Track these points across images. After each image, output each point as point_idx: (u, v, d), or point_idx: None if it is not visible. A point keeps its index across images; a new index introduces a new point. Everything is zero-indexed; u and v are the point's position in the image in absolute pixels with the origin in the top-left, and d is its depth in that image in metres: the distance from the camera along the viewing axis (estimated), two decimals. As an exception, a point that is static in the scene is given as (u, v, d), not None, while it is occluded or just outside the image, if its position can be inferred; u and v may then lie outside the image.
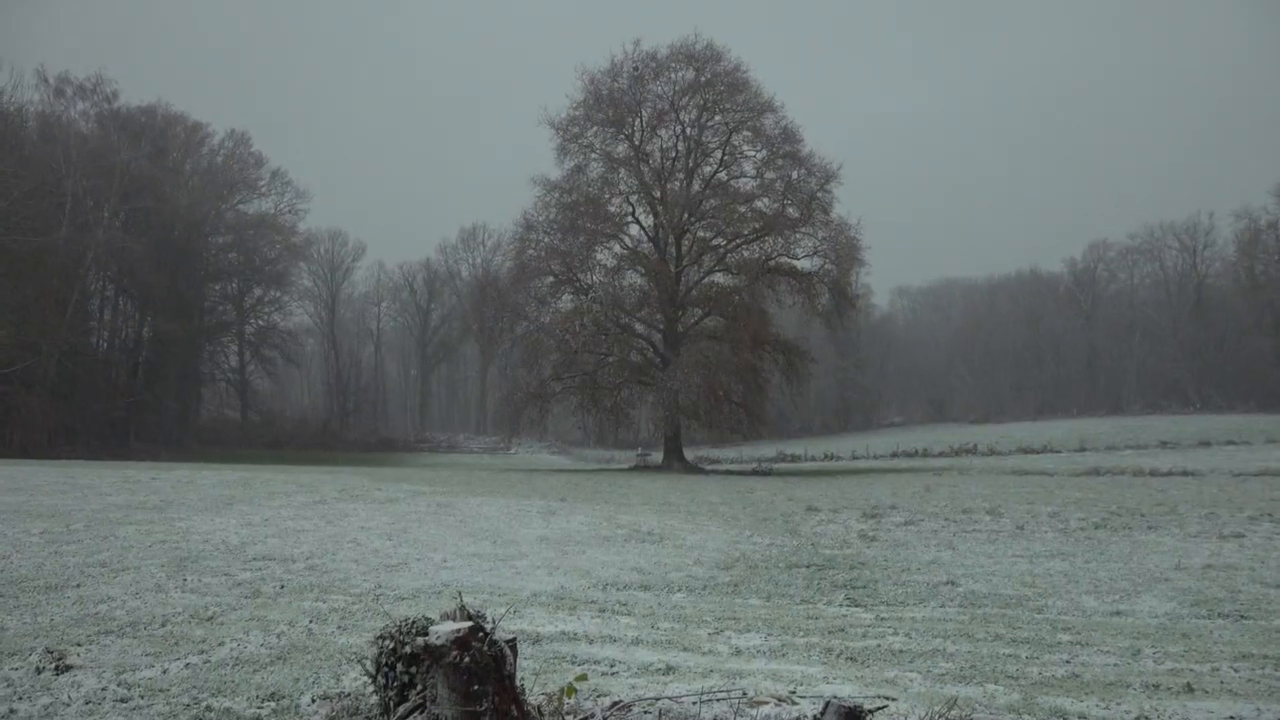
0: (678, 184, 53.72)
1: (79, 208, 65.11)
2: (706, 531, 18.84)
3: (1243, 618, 10.19)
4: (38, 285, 59.35)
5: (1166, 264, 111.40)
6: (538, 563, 14.03)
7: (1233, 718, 6.43)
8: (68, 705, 6.35)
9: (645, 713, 5.51)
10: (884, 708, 5.90)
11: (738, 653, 8.25)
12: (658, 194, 53.29)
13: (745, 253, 53.39)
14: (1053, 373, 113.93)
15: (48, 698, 6.48)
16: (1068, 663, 7.93)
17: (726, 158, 54.49)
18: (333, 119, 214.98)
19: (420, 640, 4.87)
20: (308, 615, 9.40)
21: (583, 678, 5.89)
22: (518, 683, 5.03)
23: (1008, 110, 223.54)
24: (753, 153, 54.82)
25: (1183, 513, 21.00)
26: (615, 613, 10.13)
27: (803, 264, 53.84)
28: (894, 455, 64.37)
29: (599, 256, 54.29)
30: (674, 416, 50.18)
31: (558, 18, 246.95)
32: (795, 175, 53.44)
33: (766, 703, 5.91)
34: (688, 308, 53.17)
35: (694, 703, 5.74)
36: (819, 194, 53.09)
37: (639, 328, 54.25)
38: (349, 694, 6.41)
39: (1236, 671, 7.67)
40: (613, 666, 7.61)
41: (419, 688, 4.95)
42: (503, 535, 17.00)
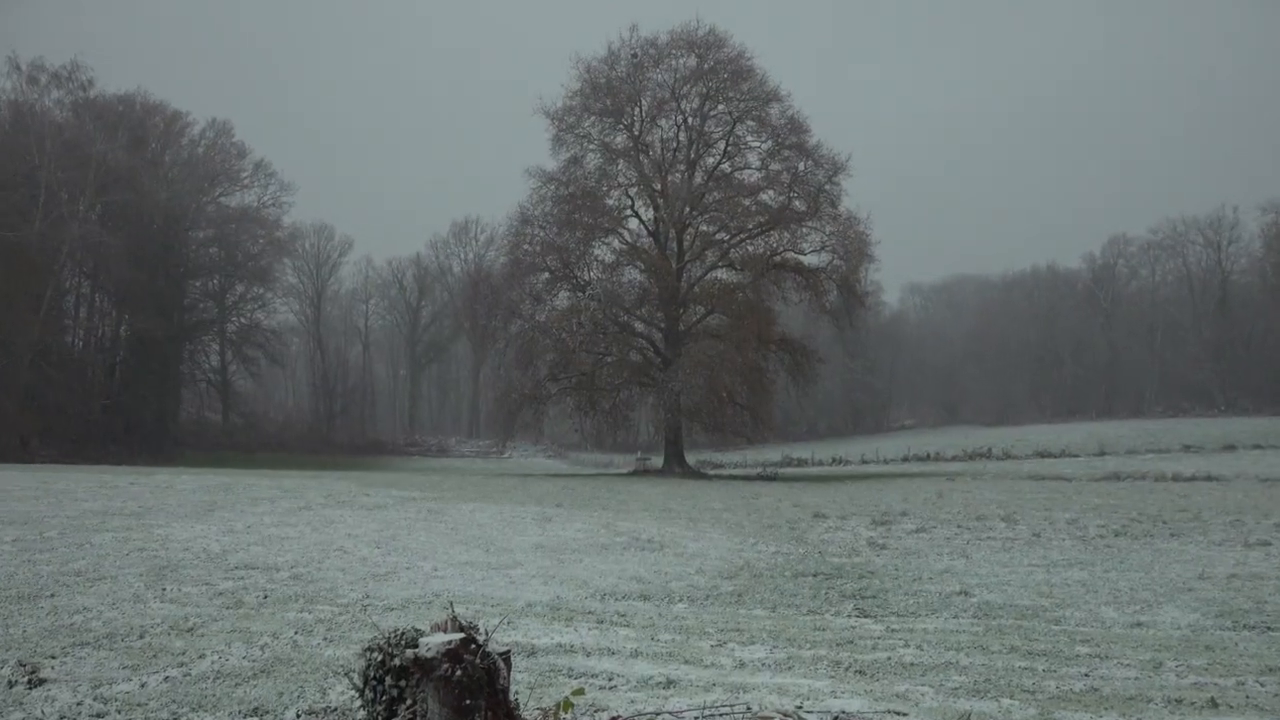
0: (679, 176, 53.72)
1: (53, 201, 65.11)
2: (709, 539, 18.84)
3: (1269, 629, 10.18)
4: (10, 282, 59.37)
5: (1189, 260, 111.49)
6: (533, 572, 14.02)
7: (1259, 734, 6.43)
8: (41, 720, 6.34)
9: (645, 728, 5.50)
10: (894, 723, 5.90)
11: (741, 666, 8.24)
12: (658, 186, 53.28)
13: (750, 248, 53.39)
14: (1071, 373, 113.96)
15: (20, 713, 6.47)
16: (1086, 676, 7.93)
17: (730, 149, 54.51)
18: (319, 108, 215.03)
19: (410, 652, 4.86)
20: (292, 626, 9.39)
21: (580, 692, 5.88)
22: (512, 697, 5.02)
23: (1023, 101, 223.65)
24: (757, 143, 54.88)
25: (1207, 519, 21.00)
26: (614, 624, 10.12)
27: (810, 259, 53.87)
28: (905, 459, 64.37)
29: (597, 252, 54.36)
30: (675, 419, 50.20)
31: (554, 2, 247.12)
32: (802, 167, 53.46)
33: (771, 718, 5.91)
34: (689, 305, 53.16)
35: (696, 718, 5.74)
36: (827, 186, 53.09)
37: (639, 326, 54.24)
38: (335, 709, 6.40)
39: (1263, 686, 7.66)
40: (611, 680, 7.60)
41: (409, 702, 4.94)
42: (496, 543, 16.99)
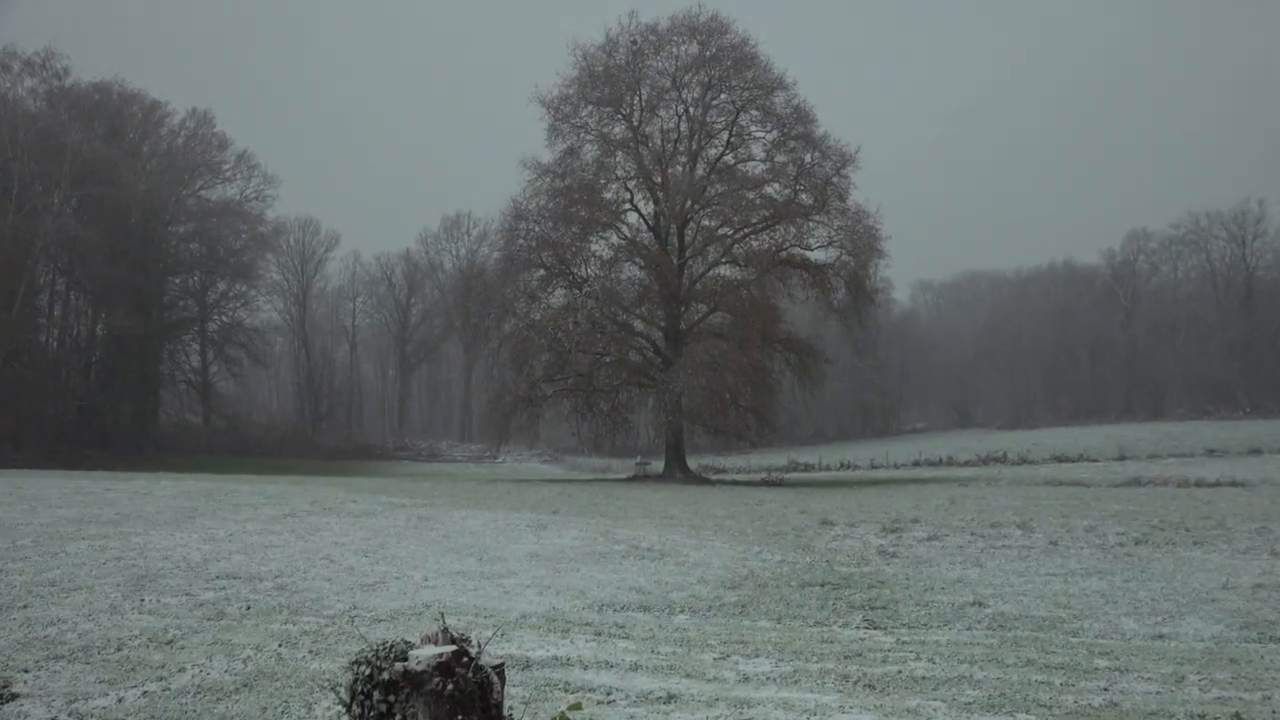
0: (680, 168, 53.65)
1: (26, 193, 65.07)
2: (711, 547, 18.84)
3: (1296, 641, 10.18)
4: (-19, 278, 59.38)
5: (1213, 255, 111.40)
6: (527, 581, 14.03)
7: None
8: (14, 737, 6.34)
9: (645, 745, 5.50)
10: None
11: (745, 680, 8.24)
12: (658, 179, 53.23)
13: (754, 243, 53.32)
14: (1089, 374, 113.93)
15: (-8, 729, 6.47)
16: (1105, 690, 7.93)
17: (733, 139, 54.46)
18: (304, 97, 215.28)
19: (399, 666, 4.86)
20: (276, 639, 9.39)
21: (576, 706, 5.88)
22: (506, 712, 5.03)
23: (1038, 91, 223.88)
24: (762, 134, 54.78)
25: (1231, 527, 21.01)
26: (612, 636, 10.13)
27: (817, 255, 53.81)
28: (916, 464, 64.32)
29: (594, 247, 54.26)
30: (676, 421, 50.14)
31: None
32: (808, 159, 53.37)
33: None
34: (691, 303, 53.11)
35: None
36: (835, 179, 53.03)
37: (638, 325, 54.19)
38: (321, 725, 6.40)
39: (1290, 700, 7.67)
40: (609, 694, 7.61)
41: (398, 717, 4.94)
42: (489, 551, 16.99)
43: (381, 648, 5.02)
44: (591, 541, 18.96)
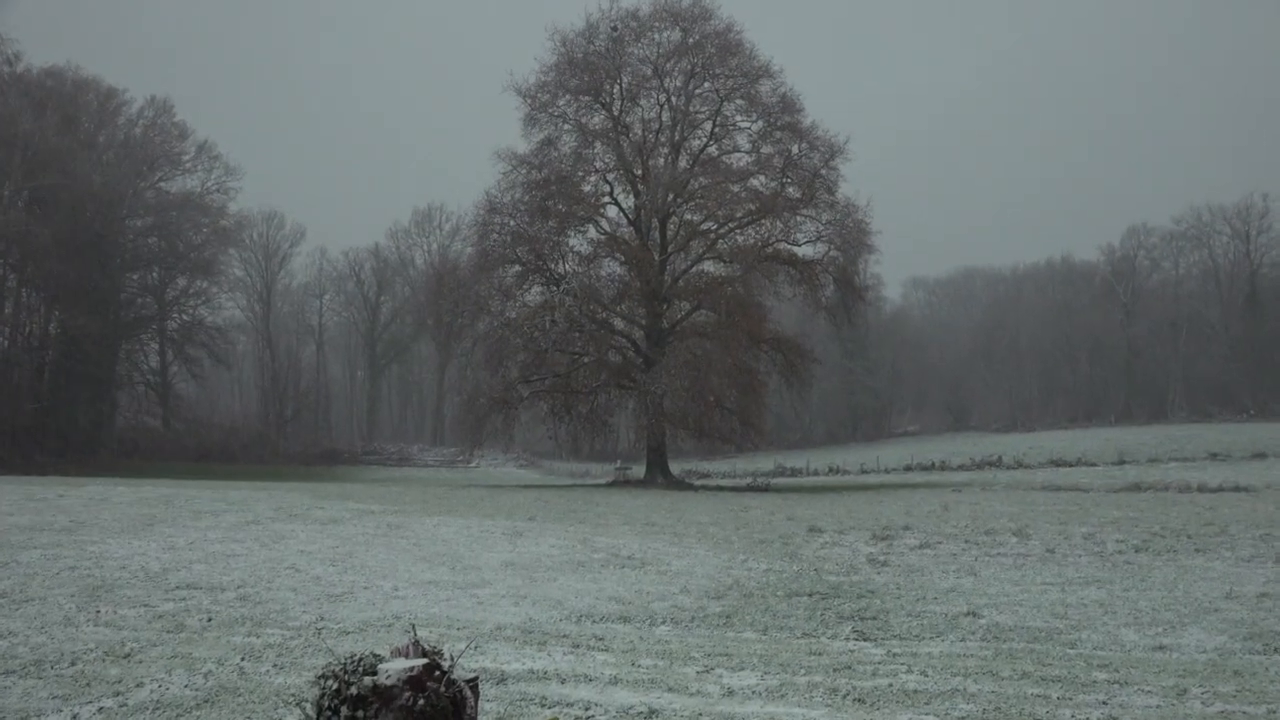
0: (662, 160, 53.68)
1: (-25, 185, 64.63)
2: (694, 555, 18.86)
3: (1301, 652, 10.26)
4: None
5: (1216, 252, 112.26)
6: (502, 591, 14.02)
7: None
8: (-38, 756, 6.30)
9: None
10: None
11: (730, 694, 8.25)
12: (639, 171, 53.24)
13: (739, 238, 53.36)
14: (1087, 375, 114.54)
15: (-62, 748, 6.43)
16: (1104, 704, 7.97)
17: (717, 130, 54.53)
18: (268, 86, 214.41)
19: (368, 680, 4.85)
20: (239, 652, 9.36)
21: (554, 722, 5.89)
22: (480, 728, 5.02)
23: (1035, 80, 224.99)
24: (747, 124, 54.86)
25: (1234, 534, 21.14)
26: (591, 648, 10.13)
27: (804, 251, 53.90)
28: (908, 469, 64.55)
29: (572, 242, 54.24)
30: (658, 424, 50.14)
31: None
32: (796, 150, 53.50)
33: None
34: (673, 301, 53.14)
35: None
36: (823, 171, 53.13)
37: (618, 323, 54.17)
38: (286, 742, 6.38)
39: (1294, 713, 7.72)
40: (588, 709, 7.60)
41: (367, 734, 4.93)
42: (463, 560, 16.97)
43: (349, 661, 5.01)
44: (569, 550, 18.95)
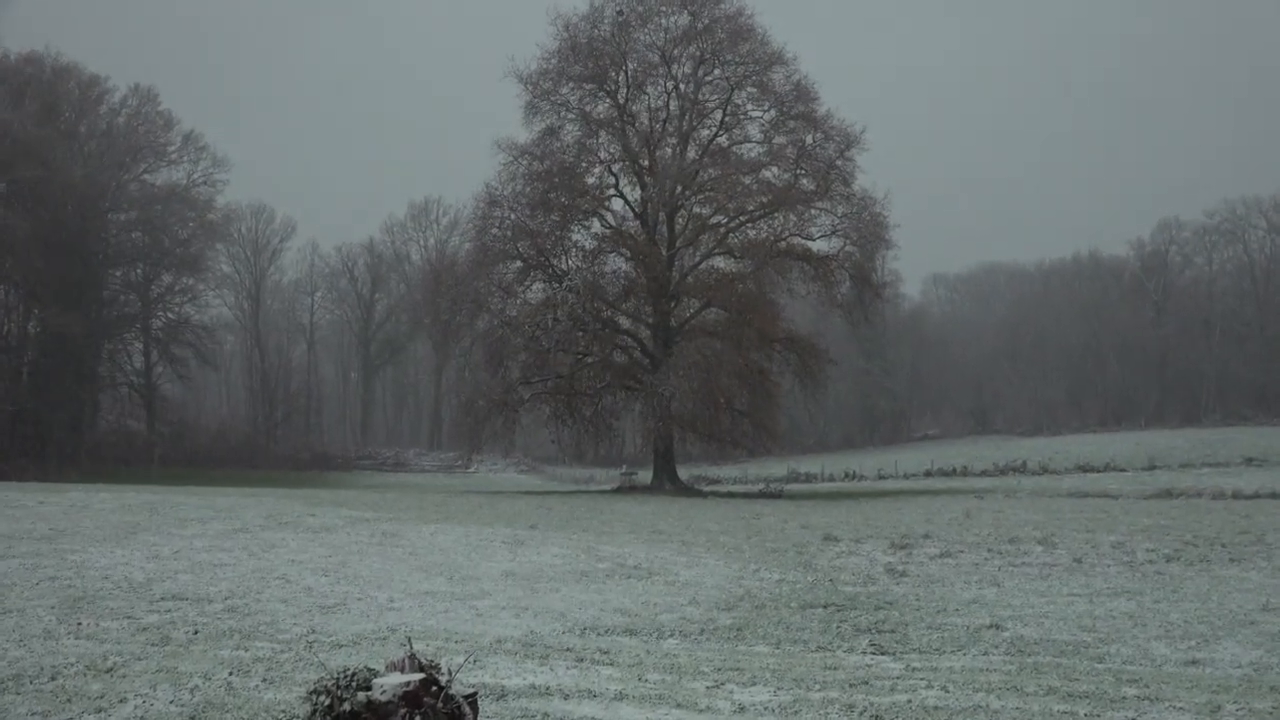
0: (669, 150, 53.67)
1: (-50, 178, 64.74)
2: (704, 565, 18.86)
3: (1341, 667, 10.23)
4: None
5: (1251, 247, 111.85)
6: (503, 602, 14.02)
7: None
8: (-63, 775, 6.32)
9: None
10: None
11: (741, 710, 8.24)
12: (645, 162, 53.23)
13: (750, 232, 53.38)
14: (1116, 376, 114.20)
15: (-87, 766, 6.44)
16: (1134, 721, 7.95)
17: (728, 119, 54.48)
18: (256, 73, 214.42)
19: (362, 695, 4.85)
20: (227, 666, 9.36)
21: (556, 740, 5.89)
22: (479, 746, 5.02)
23: (1062, 68, 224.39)
24: (759, 113, 54.87)
25: (1271, 543, 21.09)
26: (595, 662, 10.12)
27: (819, 246, 53.90)
28: (928, 474, 64.48)
29: (576, 237, 54.26)
30: (665, 428, 50.13)
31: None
32: (810, 140, 53.47)
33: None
34: (682, 298, 53.14)
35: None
36: (838, 162, 53.11)
37: (624, 322, 54.20)
38: (276, 760, 6.38)
39: (1334, 731, 7.70)
40: (592, 727, 7.60)
41: (360, 752, 4.94)
42: (461, 570, 16.98)
43: (343, 676, 5.01)
44: (573, 559, 18.95)
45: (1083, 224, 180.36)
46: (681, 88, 53.93)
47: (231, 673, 9.07)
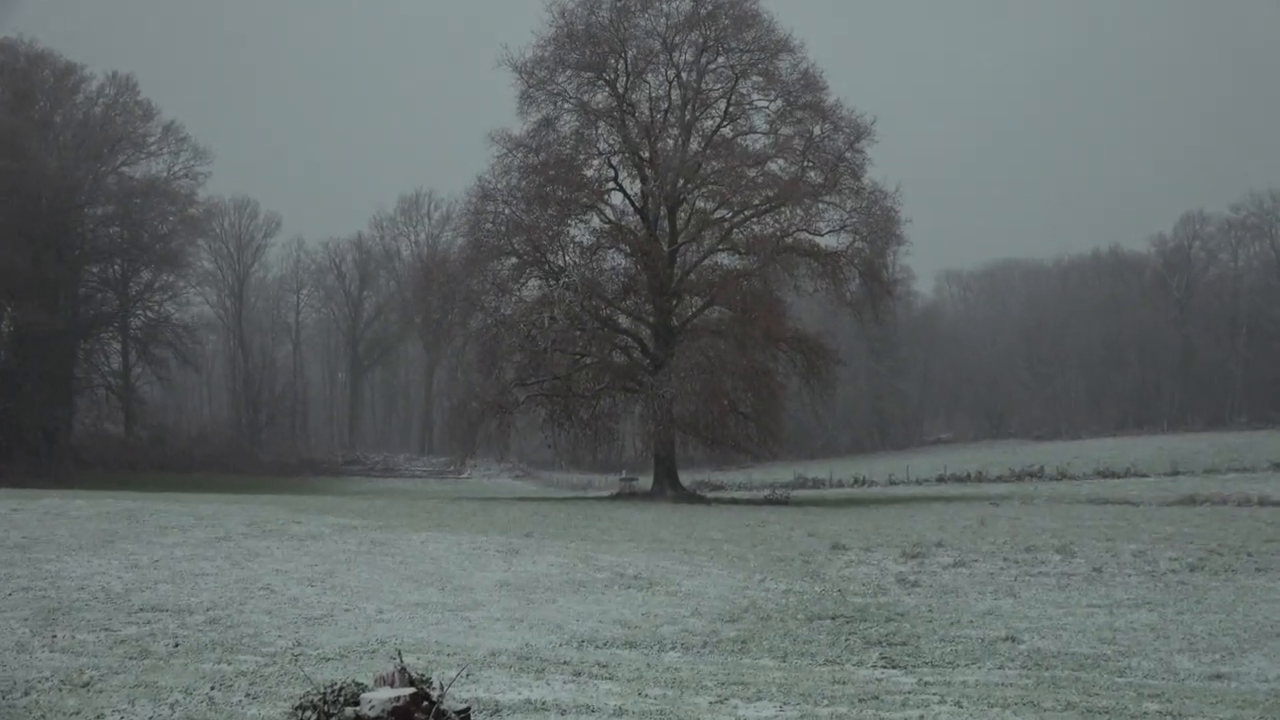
0: (671, 142, 53.63)
1: (-80, 170, 64.75)
2: (707, 575, 18.86)
3: (1372, 681, 10.23)
4: None
5: (1278, 242, 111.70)
6: (497, 614, 14.03)
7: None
8: (-94, 794, 6.32)
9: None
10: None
11: (746, 726, 8.25)
12: (646, 154, 53.17)
13: (755, 227, 53.35)
14: (1138, 377, 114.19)
15: (-119, 784, 6.45)
16: (1156, 738, 7.96)
17: (732, 109, 54.44)
18: (239, 60, 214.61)
19: (350, 711, 4.86)
20: (208, 680, 9.37)
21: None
22: (472, 764, 5.02)
23: (1081, 58, 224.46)
24: (765, 103, 54.77)
25: (1298, 551, 21.11)
26: (593, 676, 10.13)
27: (827, 241, 53.81)
28: (941, 480, 64.52)
29: (573, 232, 54.14)
30: (666, 432, 50.09)
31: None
32: (818, 131, 53.40)
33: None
34: (684, 296, 53.12)
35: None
36: (848, 154, 53.06)
37: (623, 321, 54.17)
38: (260, 779, 6.39)
39: (1365, 748, 7.71)
40: (590, 744, 7.61)
41: (348, 770, 4.94)
42: (453, 580, 16.98)
43: (330, 690, 5.02)
44: (570, 568, 18.96)
45: (1102, 219, 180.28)
46: (684, 76, 53.86)
47: (214, 687, 9.09)
